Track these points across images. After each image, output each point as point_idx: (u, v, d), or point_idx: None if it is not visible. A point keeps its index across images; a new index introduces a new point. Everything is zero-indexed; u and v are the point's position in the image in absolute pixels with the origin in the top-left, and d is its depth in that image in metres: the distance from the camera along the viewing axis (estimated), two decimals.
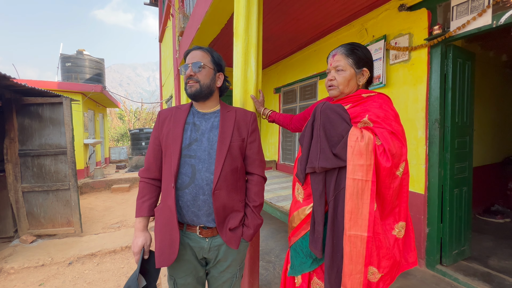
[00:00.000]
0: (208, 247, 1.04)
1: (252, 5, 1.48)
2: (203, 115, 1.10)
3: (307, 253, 1.05)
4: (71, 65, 7.53)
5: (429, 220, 2.21)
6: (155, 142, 1.09)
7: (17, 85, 2.93)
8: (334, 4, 2.57)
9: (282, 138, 4.73)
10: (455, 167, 2.20)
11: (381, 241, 0.92)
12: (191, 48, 1.12)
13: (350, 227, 0.89)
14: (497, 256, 2.45)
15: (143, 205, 1.06)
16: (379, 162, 0.88)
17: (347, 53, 1.05)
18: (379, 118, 0.94)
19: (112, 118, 18.44)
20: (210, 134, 1.05)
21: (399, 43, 2.36)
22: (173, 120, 1.07)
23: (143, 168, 1.11)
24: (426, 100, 2.20)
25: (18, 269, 2.59)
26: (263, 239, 2.95)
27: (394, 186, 0.92)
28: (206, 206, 1.00)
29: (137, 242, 1.03)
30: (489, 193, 3.66)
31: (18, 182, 3.23)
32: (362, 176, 0.87)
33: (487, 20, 1.81)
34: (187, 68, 1.06)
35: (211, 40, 3.11)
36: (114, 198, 5.65)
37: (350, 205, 0.89)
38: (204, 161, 1.01)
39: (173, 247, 0.98)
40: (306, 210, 1.05)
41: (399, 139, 0.93)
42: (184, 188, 1.01)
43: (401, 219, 0.97)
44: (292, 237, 1.12)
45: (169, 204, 1.00)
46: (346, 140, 0.90)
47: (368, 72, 1.05)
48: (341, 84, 1.05)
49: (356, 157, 0.87)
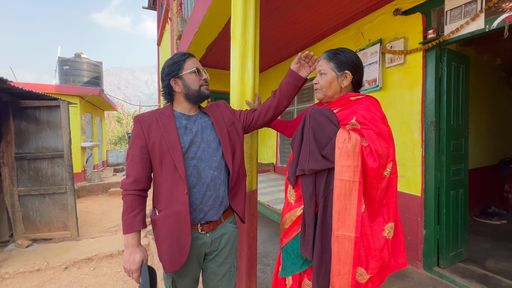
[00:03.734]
0: (210, 241, 1.09)
1: (249, 9, 1.49)
2: (189, 117, 1.13)
3: (298, 254, 1.06)
4: (69, 68, 7.52)
5: (425, 222, 2.22)
6: (141, 151, 1.03)
7: (14, 88, 2.93)
8: (331, 9, 2.61)
9: (280, 141, 4.74)
10: (451, 169, 2.22)
11: (370, 242, 0.92)
12: (189, 53, 1.16)
13: (338, 227, 0.90)
14: (494, 258, 2.46)
15: (135, 219, 1.00)
16: (366, 163, 0.90)
17: (329, 58, 1.10)
18: (366, 119, 0.96)
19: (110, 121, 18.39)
20: (203, 135, 1.10)
21: (395, 46, 2.39)
22: (162, 126, 1.04)
23: (128, 180, 1.02)
24: (421, 103, 2.23)
25: (13, 274, 2.56)
26: (260, 242, 2.94)
27: (382, 186, 0.93)
28: (211, 201, 1.06)
29: (135, 258, 0.99)
30: (486, 195, 3.68)
31: (14, 186, 3.21)
32: (350, 177, 0.89)
33: (480, 25, 1.84)
34: (205, 73, 1.13)
35: (208, 44, 3.13)
36: (111, 202, 5.61)
37: (338, 205, 0.90)
38: (205, 159, 1.07)
39: (183, 250, 1.00)
40: (297, 212, 1.06)
41: (386, 139, 0.94)
42: (192, 188, 1.04)
43: (390, 220, 0.98)
44: (284, 238, 1.13)
45: (176, 209, 1.00)
46: (334, 142, 0.92)
47: (350, 75, 1.07)
48: (323, 86, 1.10)
49: (343, 158, 0.89)
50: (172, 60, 1.10)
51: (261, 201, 2.78)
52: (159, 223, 1.03)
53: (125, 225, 1.00)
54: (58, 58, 7.70)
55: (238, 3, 1.48)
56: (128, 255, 0.99)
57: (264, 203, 2.68)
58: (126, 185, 1.02)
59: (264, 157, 5.20)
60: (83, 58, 7.78)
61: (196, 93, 1.10)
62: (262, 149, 5.29)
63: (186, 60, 1.10)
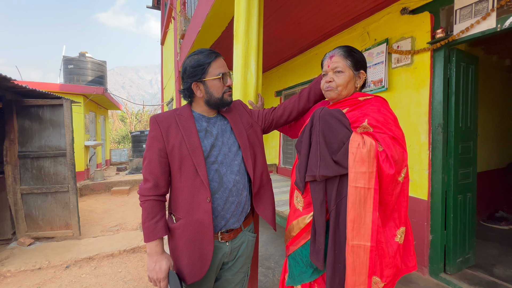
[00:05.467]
0: (229, 250, 1.05)
1: (252, 8, 1.46)
2: (209, 119, 1.08)
3: (307, 262, 1.02)
4: (74, 67, 7.57)
5: (432, 227, 2.16)
6: (160, 155, 0.97)
7: (18, 86, 2.93)
8: (336, 8, 2.56)
9: (283, 142, 4.70)
10: (459, 172, 2.16)
11: (384, 249, 0.88)
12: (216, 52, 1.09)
13: (353, 237, 0.85)
14: (502, 264, 2.39)
15: (157, 225, 0.95)
16: (382, 169, 0.85)
17: (346, 55, 1.02)
18: (379, 122, 0.92)
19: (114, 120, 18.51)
20: (223, 138, 1.05)
21: (401, 46, 2.34)
22: (182, 129, 0.98)
23: (147, 185, 0.96)
24: (429, 104, 2.17)
25: (15, 272, 2.56)
26: (262, 244, 2.90)
27: (396, 192, 0.89)
28: (233, 207, 1.02)
29: (161, 266, 0.93)
30: (493, 199, 3.60)
31: (17, 184, 3.22)
32: (365, 184, 0.84)
33: (491, 24, 1.78)
34: (230, 77, 1.06)
35: (212, 43, 3.11)
36: (114, 201, 5.63)
37: (352, 214, 0.85)
38: (226, 164, 1.02)
39: (205, 260, 0.96)
40: (306, 219, 1.02)
41: (400, 144, 0.90)
42: (214, 194, 0.99)
43: (402, 224, 0.94)
44: (291, 246, 1.09)
45: (198, 218, 0.95)
46: (347, 147, 0.87)
47: (365, 75, 1.04)
48: (340, 85, 1.02)
49: (358, 164, 0.84)
50: (196, 61, 0.99)
51: None
52: (178, 232, 0.98)
53: (148, 233, 0.94)
54: (63, 57, 7.76)
55: (242, 1, 1.45)
56: (154, 264, 0.94)
57: None
58: (145, 190, 0.96)
59: (267, 157, 5.16)
60: (87, 57, 7.82)
61: (218, 100, 1.03)
62: (265, 149, 5.25)
63: (211, 63, 1.00)
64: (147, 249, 0.96)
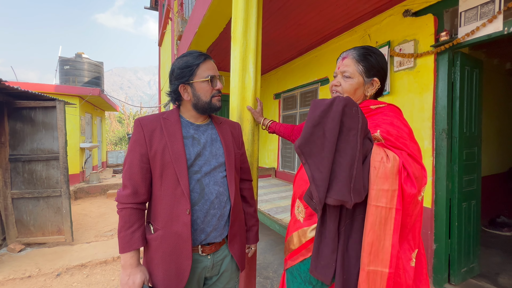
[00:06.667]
0: (211, 264, 0.98)
1: (251, 8, 1.39)
2: (198, 126, 1.01)
3: (305, 278, 0.94)
4: (70, 68, 7.46)
5: (436, 236, 2.09)
6: (142, 160, 0.91)
7: (9, 88, 2.84)
8: (337, 9, 2.50)
9: (281, 145, 4.63)
10: (463, 179, 2.10)
11: (400, 276, 0.80)
12: (205, 54, 1.02)
13: (369, 262, 0.75)
14: (506, 273, 2.33)
15: (134, 235, 0.89)
16: (404, 188, 0.75)
17: (359, 59, 0.93)
18: (392, 136, 0.83)
19: (111, 121, 18.37)
20: (212, 148, 1.00)
21: (404, 49, 2.28)
22: (166, 134, 0.93)
23: (125, 192, 0.90)
24: (432, 109, 2.11)
25: (3, 281, 2.46)
26: (260, 252, 2.82)
27: (415, 213, 0.80)
28: (215, 220, 0.97)
29: (135, 280, 0.87)
30: (495, 204, 3.55)
31: (8, 188, 3.11)
32: (386, 203, 0.74)
33: (497, 27, 1.72)
34: (219, 81, 1.00)
35: (209, 45, 3.04)
36: (109, 204, 5.51)
37: (371, 236, 0.75)
38: (210, 174, 0.97)
39: (182, 276, 0.90)
40: (308, 233, 0.93)
41: (418, 161, 0.81)
42: (194, 205, 0.93)
43: (416, 246, 0.86)
44: (289, 260, 1.01)
45: (176, 230, 0.89)
46: (369, 160, 0.76)
47: (378, 83, 0.94)
48: (346, 91, 0.94)
49: (380, 181, 0.74)
50: (184, 62, 0.95)
51: (261, 209, 2.66)
52: (154, 244, 0.91)
53: (123, 243, 0.88)
54: (59, 58, 7.66)
55: (240, 1, 1.38)
56: (127, 277, 0.87)
57: (264, 212, 2.56)
58: (123, 197, 0.90)
59: (265, 161, 5.09)
60: (84, 58, 7.72)
61: (206, 104, 0.98)
62: (263, 153, 5.17)
63: (200, 65, 0.95)
64: (121, 261, 0.90)
